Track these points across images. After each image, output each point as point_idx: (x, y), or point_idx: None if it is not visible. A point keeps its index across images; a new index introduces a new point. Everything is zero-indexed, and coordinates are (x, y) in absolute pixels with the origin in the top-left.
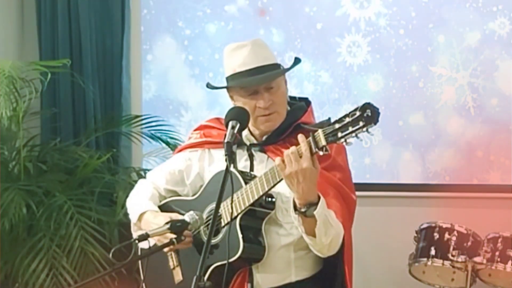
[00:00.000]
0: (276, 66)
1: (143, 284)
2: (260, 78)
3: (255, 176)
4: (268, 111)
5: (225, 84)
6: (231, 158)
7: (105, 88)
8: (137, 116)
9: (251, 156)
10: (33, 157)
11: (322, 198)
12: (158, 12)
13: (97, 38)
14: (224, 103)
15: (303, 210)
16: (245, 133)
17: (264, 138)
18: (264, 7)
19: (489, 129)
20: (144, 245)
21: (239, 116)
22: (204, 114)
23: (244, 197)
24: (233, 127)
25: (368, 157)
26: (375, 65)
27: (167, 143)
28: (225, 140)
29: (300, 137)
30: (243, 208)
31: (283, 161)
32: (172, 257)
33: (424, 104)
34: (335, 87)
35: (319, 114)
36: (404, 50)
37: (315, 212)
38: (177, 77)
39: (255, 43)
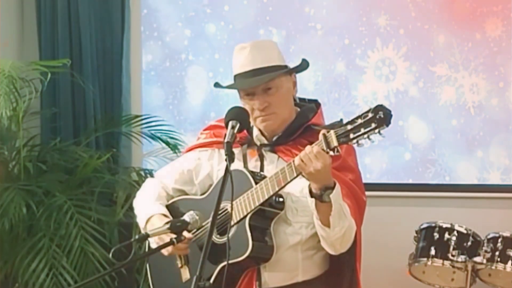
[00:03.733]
0: (276, 68)
1: (151, 285)
2: (250, 81)
3: (265, 177)
4: (264, 112)
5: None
6: (231, 158)
7: (105, 88)
8: (137, 116)
9: (261, 156)
10: (33, 157)
11: (337, 184)
12: (158, 12)
13: (97, 38)
14: (224, 103)
15: (319, 194)
16: (255, 133)
17: (274, 138)
18: (264, 7)
19: (489, 129)
20: (154, 245)
21: (238, 115)
22: (204, 114)
23: (254, 196)
24: (233, 127)
25: (368, 157)
26: (375, 64)
27: (167, 143)
28: (225, 140)
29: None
30: (253, 207)
31: (302, 160)
32: (179, 256)
33: (424, 104)
34: (335, 87)
35: None
36: (404, 50)
37: (331, 196)
38: (177, 77)
39: (255, 45)
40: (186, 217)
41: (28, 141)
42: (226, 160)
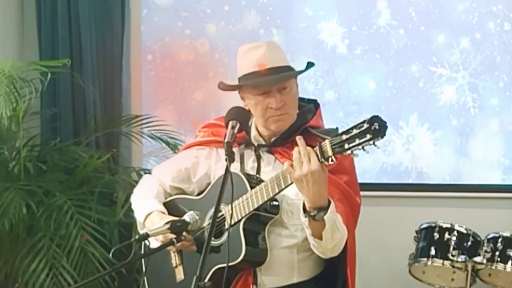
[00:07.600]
0: (289, 68)
1: (146, 283)
2: (274, 78)
3: (261, 180)
4: (279, 111)
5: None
6: (231, 158)
7: (105, 88)
8: (137, 116)
9: (258, 157)
10: (33, 157)
11: (332, 203)
12: (158, 12)
13: (97, 38)
14: (225, 103)
15: (312, 214)
16: (253, 133)
17: (272, 139)
18: (264, 7)
19: (489, 129)
20: (154, 244)
21: (238, 116)
22: (204, 114)
23: (249, 201)
24: (233, 127)
25: (368, 157)
26: (375, 65)
27: (167, 143)
28: (225, 140)
29: (299, 139)
30: (247, 212)
31: (291, 165)
32: (174, 256)
33: (424, 104)
34: (335, 87)
35: None
36: (404, 50)
37: (325, 217)
38: (177, 77)
39: (270, 44)
40: (186, 217)
41: (28, 141)
42: (226, 160)
